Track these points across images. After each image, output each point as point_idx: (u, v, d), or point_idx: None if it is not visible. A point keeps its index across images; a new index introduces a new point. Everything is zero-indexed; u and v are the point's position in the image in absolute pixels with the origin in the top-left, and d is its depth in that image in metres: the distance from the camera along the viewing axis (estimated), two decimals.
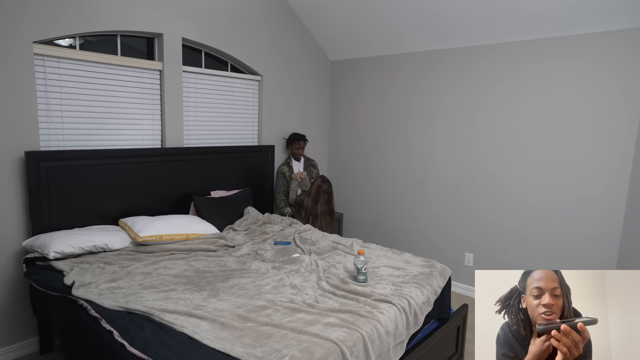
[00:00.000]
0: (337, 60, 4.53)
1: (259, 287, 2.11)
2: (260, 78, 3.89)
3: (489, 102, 3.45)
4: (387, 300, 1.96)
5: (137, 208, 2.97)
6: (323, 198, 3.58)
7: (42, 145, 2.60)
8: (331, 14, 3.86)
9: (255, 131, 3.95)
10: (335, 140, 4.66)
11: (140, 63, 3.00)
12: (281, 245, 2.83)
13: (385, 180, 4.23)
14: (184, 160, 3.24)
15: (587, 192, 3.02)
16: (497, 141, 3.43)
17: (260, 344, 1.55)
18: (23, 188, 2.52)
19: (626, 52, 2.79)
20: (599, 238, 2.99)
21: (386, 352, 1.81)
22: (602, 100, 2.91)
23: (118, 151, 2.84)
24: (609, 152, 2.91)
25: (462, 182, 3.67)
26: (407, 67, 3.94)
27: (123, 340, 1.60)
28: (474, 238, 3.64)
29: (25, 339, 2.63)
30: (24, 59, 2.45)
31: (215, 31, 3.41)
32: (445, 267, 2.49)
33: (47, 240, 2.33)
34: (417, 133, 3.93)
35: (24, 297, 2.56)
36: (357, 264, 2.19)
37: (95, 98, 2.83)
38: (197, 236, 2.75)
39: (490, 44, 3.39)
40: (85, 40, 2.80)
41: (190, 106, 3.39)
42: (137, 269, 2.24)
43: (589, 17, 2.81)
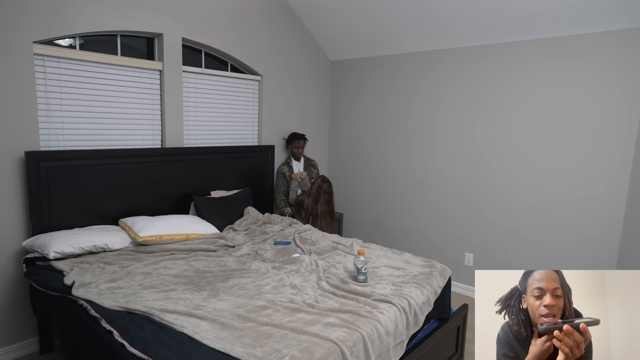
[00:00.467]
0: (337, 60, 4.53)
1: (259, 287, 2.11)
2: (260, 78, 3.89)
3: (489, 102, 3.45)
4: (387, 300, 1.96)
5: (137, 208, 2.97)
6: (323, 198, 3.57)
7: (42, 145, 2.60)
8: (331, 14, 3.86)
9: (255, 131, 3.95)
10: (335, 140, 4.66)
11: (140, 63, 3.00)
12: (281, 245, 2.83)
13: (385, 180, 4.23)
14: (184, 160, 3.24)
15: (587, 192, 3.02)
16: (497, 141, 3.43)
17: (260, 344, 1.55)
18: (23, 188, 2.52)
19: (626, 52, 2.79)
20: (599, 238, 2.99)
21: (386, 352, 1.81)
22: (602, 100, 2.91)
23: (118, 151, 2.84)
24: (609, 152, 2.91)
25: (462, 182, 3.67)
26: (408, 67, 3.94)
27: (123, 340, 1.60)
28: (474, 238, 3.64)
29: (25, 339, 2.63)
30: (24, 59, 2.45)
31: (215, 31, 3.41)
32: (445, 267, 2.49)
33: (47, 240, 2.33)
34: (417, 133, 3.93)
35: (24, 297, 2.56)
36: (357, 264, 2.19)
37: (95, 98, 2.83)
38: (197, 236, 2.75)
39: (491, 44, 3.39)
40: (85, 40, 2.80)
41: (190, 106, 3.39)
42: (137, 269, 2.24)
43: (589, 17, 2.81)
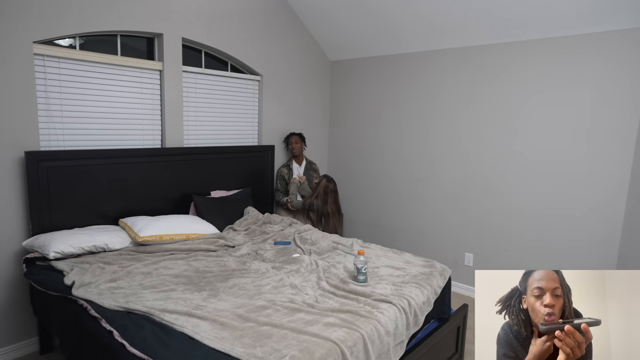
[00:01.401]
0: (337, 60, 4.53)
1: (259, 287, 2.11)
2: (260, 78, 3.89)
3: (490, 102, 3.44)
4: (387, 300, 1.96)
5: (137, 208, 2.97)
6: (331, 197, 3.60)
7: (42, 145, 2.60)
8: (331, 14, 3.86)
9: (255, 131, 3.95)
10: (335, 141, 4.66)
11: (140, 63, 3.00)
12: (281, 245, 2.83)
13: (385, 180, 4.23)
14: (184, 160, 3.24)
15: (587, 192, 3.01)
16: (497, 141, 3.43)
17: (260, 344, 1.55)
18: (23, 188, 2.52)
19: (626, 52, 2.79)
20: (598, 238, 2.99)
21: (386, 352, 1.81)
22: (603, 100, 2.91)
23: (118, 151, 2.84)
24: (609, 152, 2.91)
25: (462, 182, 3.67)
26: (408, 67, 3.94)
27: (123, 340, 1.60)
28: (473, 238, 3.64)
29: (25, 339, 2.63)
30: (24, 59, 2.45)
31: (215, 31, 3.41)
32: (445, 267, 2.49)
33: (47, 240, 2.33)
34: (418, 133, 3.93)
35: (24, 297, 2.56)
36: (357, 264, 2.19)
37: (95, 98, 2.82)
38: (197, 236, 2.75)
39: (492, 44, 3.39)
40: (85, 40, 2.80)
41: (190, 106, 3.39)
42: (137, 269, 2.24)
43: (589, 17, 2.81)
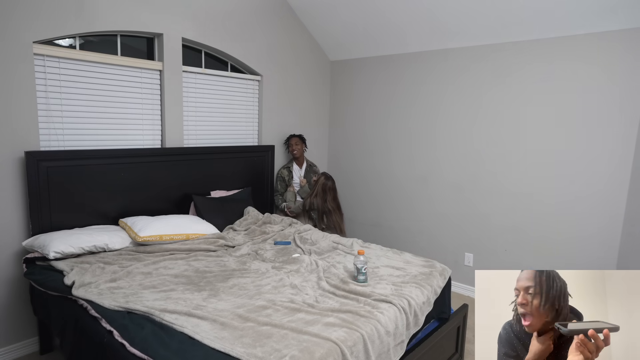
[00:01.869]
0: (337, 60, 4.53)
1: (259, 287, 2.11)
2: (260, 78, 3.89)
3: (490, 102, 3.44)
4: (387, 300, 1.96)
5: (137, 208, 2.97)
6: (330, 195, 3.60)
7: (42, 145, 2.60)
8: (331, 14, 3.86)
9: (255, 131, 3.95)
10: (335, 140, 4.66)
11: (140, 63, 3.00)
12: (281, 245, 2.83)
13: (385, 180, 4.23)
14: (184, 160, 3.24)
15: (587, 192, 3.01)
16: (497, 141, 3.43)
17: (260, 344, 1.55)
18: (23, 188, 2.52)
19: (626, 52, 2.79)
20: (598, 238, 2.99)
21: (386, 352, 1.81)
22: (602, 100, 2.91)
23: (118, 151, 2.84)
24: (609, 151, 2.91)
25: (462, 182, 3.67)
26: (408, 67, 3.94)
27: (123, 340, 1.60)
28: (474, 238, 3.64)
29: (25, 339, 2.63)
30: (24, 59, 2.45)
31: (215, 31, 3.41)
32: (445, 267, 2.49)
33: (47, 240, 2.34)
34: (418, 133, 3.93)
35: (24, 297, 2.56)
36: (357, 264, 2.19)
37: (95, 98, 2.82)
38: (197, 236, 2.75)
39: (492, 44, 3.39)
40: (85, 40, 2.80)
41: (190, 106, 3.39)
42: (137, 269, 2.24)
43: (588, 17, 2.81)
